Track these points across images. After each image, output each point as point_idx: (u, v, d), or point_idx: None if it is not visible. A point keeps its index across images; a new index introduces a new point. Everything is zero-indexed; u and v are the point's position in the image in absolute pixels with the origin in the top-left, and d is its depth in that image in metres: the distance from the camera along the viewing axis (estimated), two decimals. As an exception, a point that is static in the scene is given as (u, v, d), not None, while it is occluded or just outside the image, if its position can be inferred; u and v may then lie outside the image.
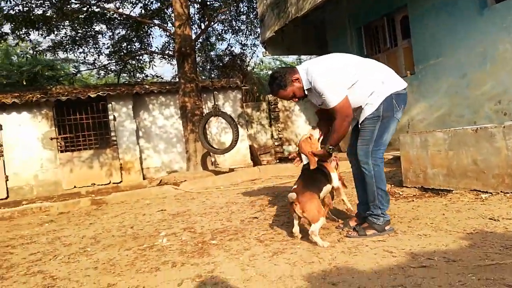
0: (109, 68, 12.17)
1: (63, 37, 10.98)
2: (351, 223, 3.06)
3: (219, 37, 12.27)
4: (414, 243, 2.53)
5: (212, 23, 11.13)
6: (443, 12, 6.64)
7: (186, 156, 9.00)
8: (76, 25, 10.52)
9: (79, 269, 2.83)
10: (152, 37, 22.50)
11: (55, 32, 10.24)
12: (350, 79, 2.76)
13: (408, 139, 4.33)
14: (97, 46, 11.47)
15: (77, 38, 11.08)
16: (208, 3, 10.89)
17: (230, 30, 12.18)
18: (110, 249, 3.30)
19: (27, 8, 8.99)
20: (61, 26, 10.39)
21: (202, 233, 3.48)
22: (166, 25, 11.02)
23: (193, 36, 8.96)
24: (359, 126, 2.90)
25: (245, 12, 12.14)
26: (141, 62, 12.32)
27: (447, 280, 1.88)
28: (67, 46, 11.05)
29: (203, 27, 10.18)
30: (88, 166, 9.44)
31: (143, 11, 10.94)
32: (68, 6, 9.43)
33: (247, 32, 12.23)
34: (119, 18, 11.09)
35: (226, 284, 2.19)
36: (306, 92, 2.86)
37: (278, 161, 11.26)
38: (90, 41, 11.36)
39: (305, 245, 2.74)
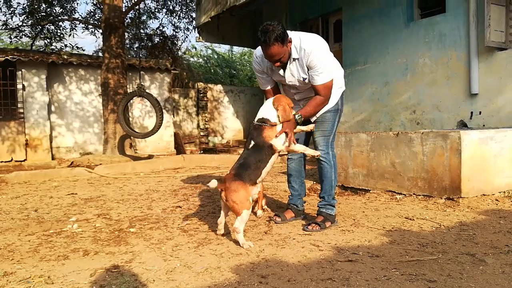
0: (23, 31, 10.73)
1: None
2: (287, 215, 3.04)
3: (151, 15, 11.59)
4: (339, 238, 2.58)
5: (146, -2, 10.48)
6: (375, 20, 7.01)
7: (103, 137, 8.37)
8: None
9: (-34, 255, 2.41)
10: (77, 3, 20.46)
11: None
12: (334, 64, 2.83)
13: (335, 138, 4.47)
14: (9, 4, 10.01)
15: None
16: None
17: (163, 9, 11.58)
18: (9, 233, 2.88)
19: None
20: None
21: (119, 221, 3.21)
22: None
23: (124, 9, 8.32)
24: (317, 118, 2.87)
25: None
26: (61, 29, 11.12)
27: (373, 274, 1.93)
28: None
29: (135, 0, 9.47)
30: (-14, 139, 8.31)
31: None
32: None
33: (181, 14, 11.74)
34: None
35: (147, 275, 2.00)
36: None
37: (202, 151, 11.04)
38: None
39: (232, 236, 2.65)
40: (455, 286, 1.78)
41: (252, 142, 2.62)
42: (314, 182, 4.46)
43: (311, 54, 2.59)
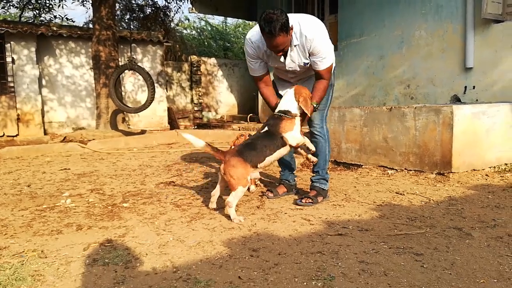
0: (10, 1, 10.37)
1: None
2: (280, 190, 3.07)
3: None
4: (330, 212, 2.61)
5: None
6: (370, -9, 6.84)
7: (96, 112, 8.28)
8: None
9: (-41, 230, 2.42)
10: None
11: None
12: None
13: (328, 113, 4.46)
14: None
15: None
16: None
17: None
18: (2, 209, 2.89)
19: None
20: None
21: (112, 196, 3.23)
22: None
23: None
24: None
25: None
26: (50, -1, 10.79)
27: (362, 248, 1.97)
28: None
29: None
30: (-24, 114, 8.20)
31: None
32: None
33: (174, -17, 11.42)
34: None
35: (140, 249, 2.03)
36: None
37: (196, 127, 10.99)
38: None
39: (224, 211, 2.67)
40: (441, 259, 1.82)
41: (266, 128, 2.67)
42: (307, 157, 4.48)
43: (313, 41, 2.55)
